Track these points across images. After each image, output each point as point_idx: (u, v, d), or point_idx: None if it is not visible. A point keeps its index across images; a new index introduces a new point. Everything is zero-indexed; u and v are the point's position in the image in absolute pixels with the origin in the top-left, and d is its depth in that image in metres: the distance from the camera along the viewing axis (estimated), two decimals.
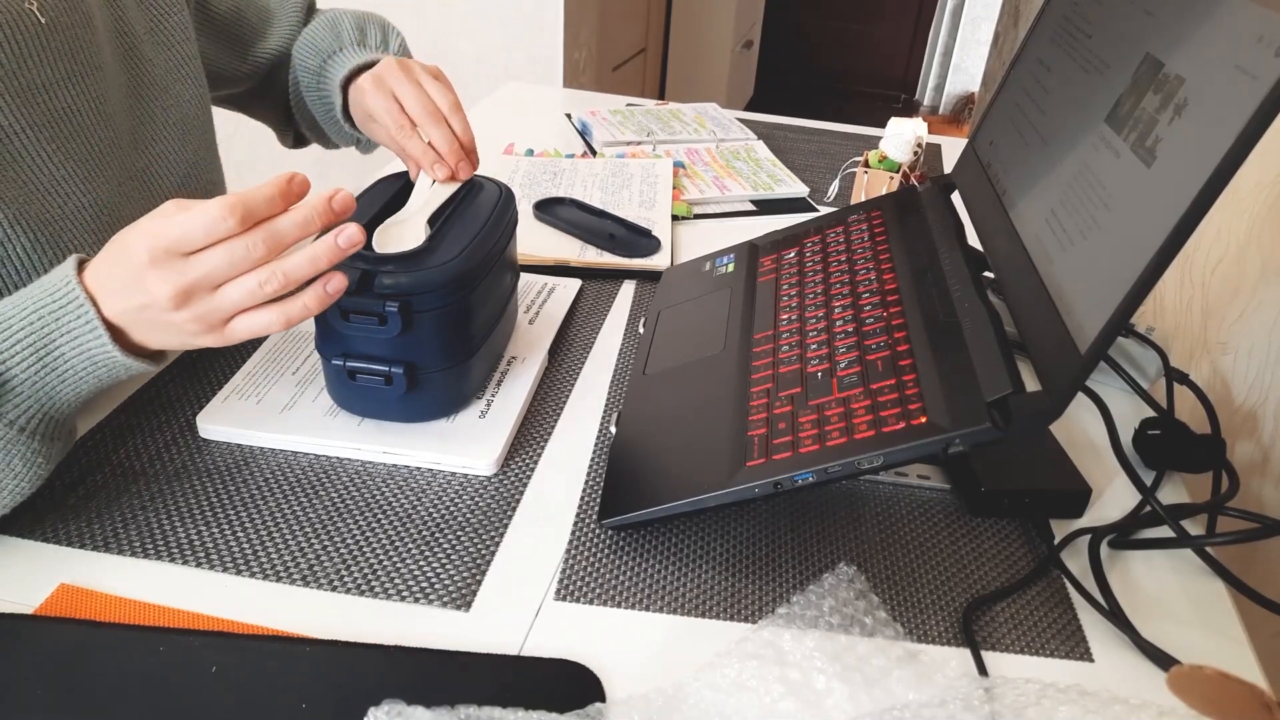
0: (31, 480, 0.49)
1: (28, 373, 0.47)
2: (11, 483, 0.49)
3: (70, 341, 0.47)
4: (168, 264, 0.46)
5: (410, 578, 0.51)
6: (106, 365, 0.49)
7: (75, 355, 0.48)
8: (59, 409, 0.50)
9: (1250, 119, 0.39)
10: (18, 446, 0.48)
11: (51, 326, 0.47)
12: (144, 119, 0.65)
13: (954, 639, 0.49)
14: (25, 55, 0.55)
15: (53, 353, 0.47)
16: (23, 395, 0.47)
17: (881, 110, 4.16)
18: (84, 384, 0.49)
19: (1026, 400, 0.47)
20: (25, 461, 0.49)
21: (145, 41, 0.67)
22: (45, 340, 0.47)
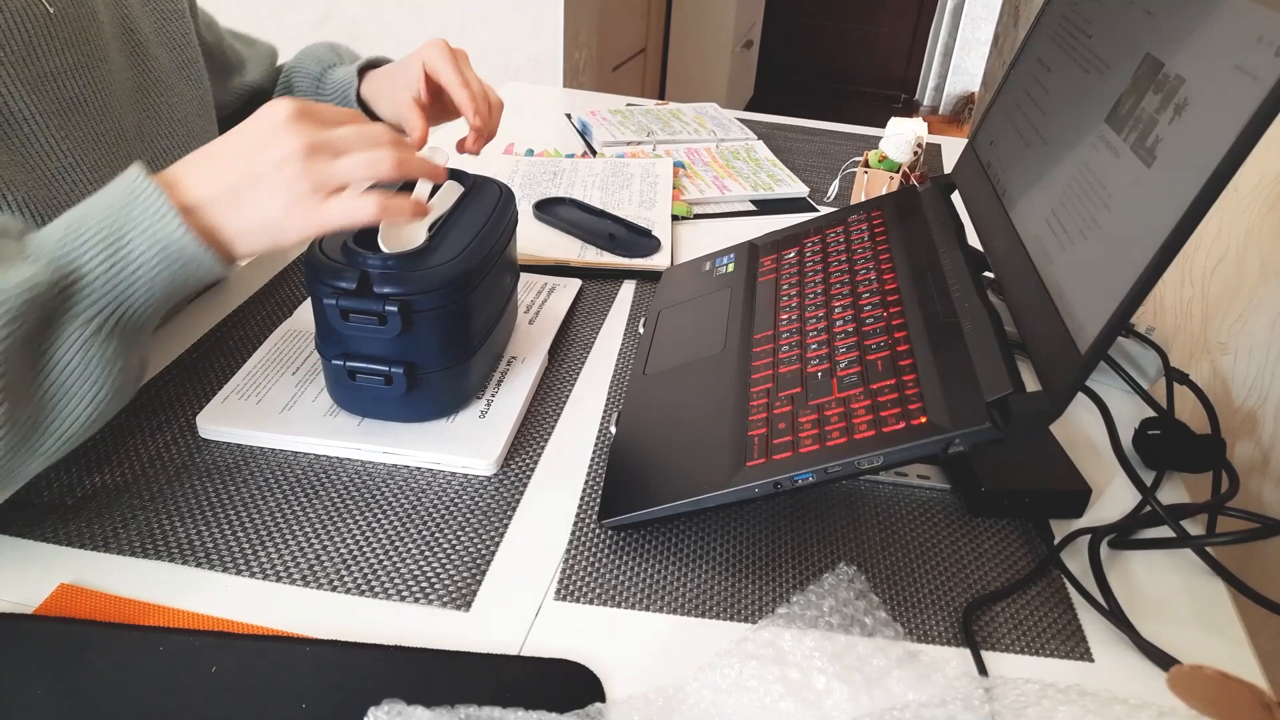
0: (111, 389, 0.47)
1: (100, 268, 0.46)
2: (91, 390, 0.47)
3: (141, 233, 0.47)
4: (306, 123, 0.49)
5: (410, 578, 0.51)
6: (178, 256, 0.47)
7: (146, 247, 0.47)
8: (134, 311, 0.48)
9: (1250, 119, 0.39)
10: (94, 348, 0.46)
11: (122, 219, 0.47)
12: (149, 113, 0.65)
13: (954, 639, 0.49)
14: (34, 44, 0.55)
15: (124, 247, 0.47)
16: (96, 293, 0.46)
17: (881, 110, 4.16)
18: (157, 283, 0.48)
19: (1027, 400, 0.47)
20: (104, 365, 0.47)
21: (151, 40, 0.68)
22: (116, 234, 0.47)
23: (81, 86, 0.59)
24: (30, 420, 0.45)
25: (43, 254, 0.46)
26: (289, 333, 0.70)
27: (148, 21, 0.68)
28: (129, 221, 0.47)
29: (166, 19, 0.70)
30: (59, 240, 0.46)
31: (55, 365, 0.46)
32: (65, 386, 0.46)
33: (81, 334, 0.46)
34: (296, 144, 0.48)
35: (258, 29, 1.73)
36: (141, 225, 0.47)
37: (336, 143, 0.50)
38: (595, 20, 2.11)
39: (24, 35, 0.55)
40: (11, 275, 0.44)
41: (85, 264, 0.46)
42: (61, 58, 0.57)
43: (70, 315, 0.46)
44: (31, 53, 0.55)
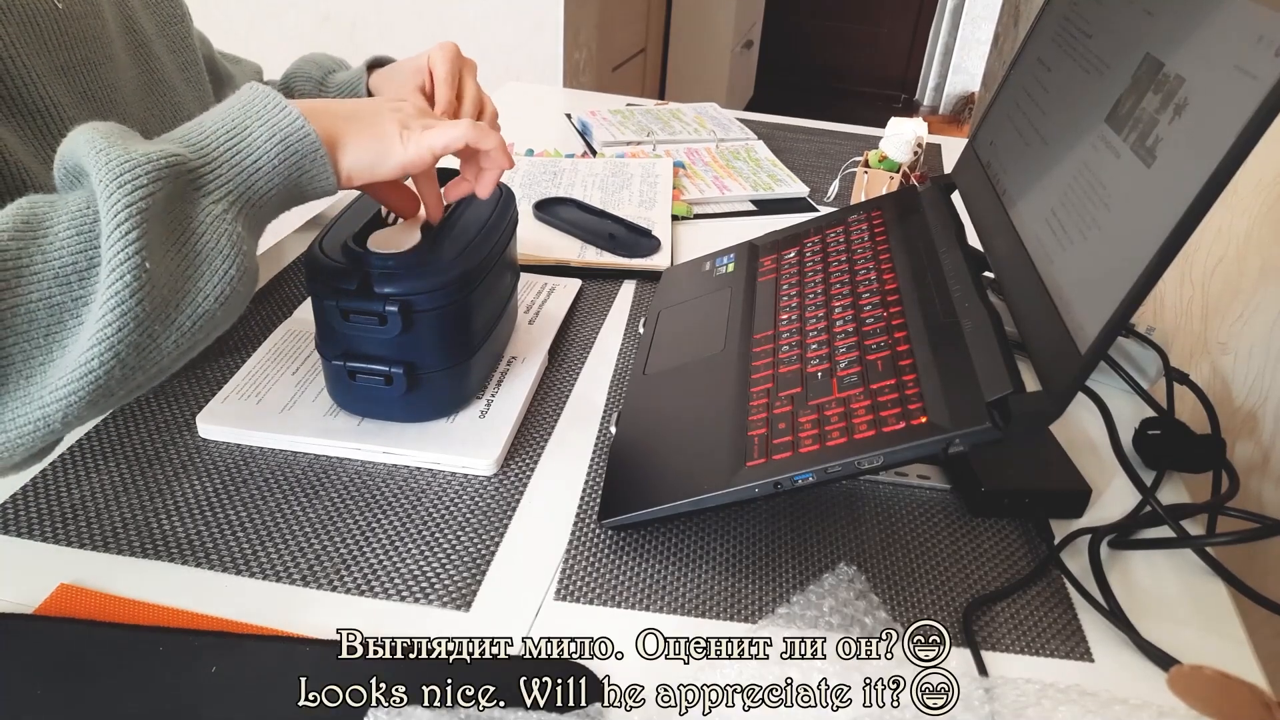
0: (239, 266, 0.48)
1: (226, 153, 0.48)
2: (222, 264, 0.47)
3: (262, 124, 0.49)
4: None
5: (410, 578, 0.51)
6: (296, 148, 0.50)
7: (267, 138, 0.49)
8: (255, 198, 0.50)
9: (1250, 119, 0.39)
10: (222, 224, 0.48)
11: (242, 115, 0.49)
12: (153, 112, 0.66)
13: (954, 639, 0.49)
14: (46, 38, 0.57)
15: (246, 138, 0.49)
16: (224, 175, 0.48)
17: (881, 110, 4.16)
18: (276, 173, 0.50)
19: (1027, 400, 0.47)
20: (233, 244, 0.48)
21: (154, 41, 0.68)
22: (238, 127, 0.49)
23: (90, 81, 0.60)
24: (169, 286, 0.45)
25: (173, 139, 0.48)
26: (289, 333, 0.70)
27: (150, 24, 0.69)
28: (249, 114, 0.50)
29: (167, 22, 0.71)
30: (183, 134, 0.49)
31: (190, 235, 0.47)
32: (200, 257, 0.47)
33: (213, 209, 0.48)
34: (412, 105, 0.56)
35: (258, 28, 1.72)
36: (262, 117, 0.50)
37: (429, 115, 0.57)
38: (595, 20, 2.11)
39: (37, 30, 0.56)
40: (150, 147, 0.45)
41: (212, 150, 0.48)
42: (72, 53, 0.58)
43: (203, 191, 0.48)
44: (45, 45, 0.56)
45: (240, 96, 0.51)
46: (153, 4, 0.70)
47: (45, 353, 0.44)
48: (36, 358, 0.44)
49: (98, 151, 0.44)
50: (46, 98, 0.55)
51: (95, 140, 0.45)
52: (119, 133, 0.46)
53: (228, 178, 0.48)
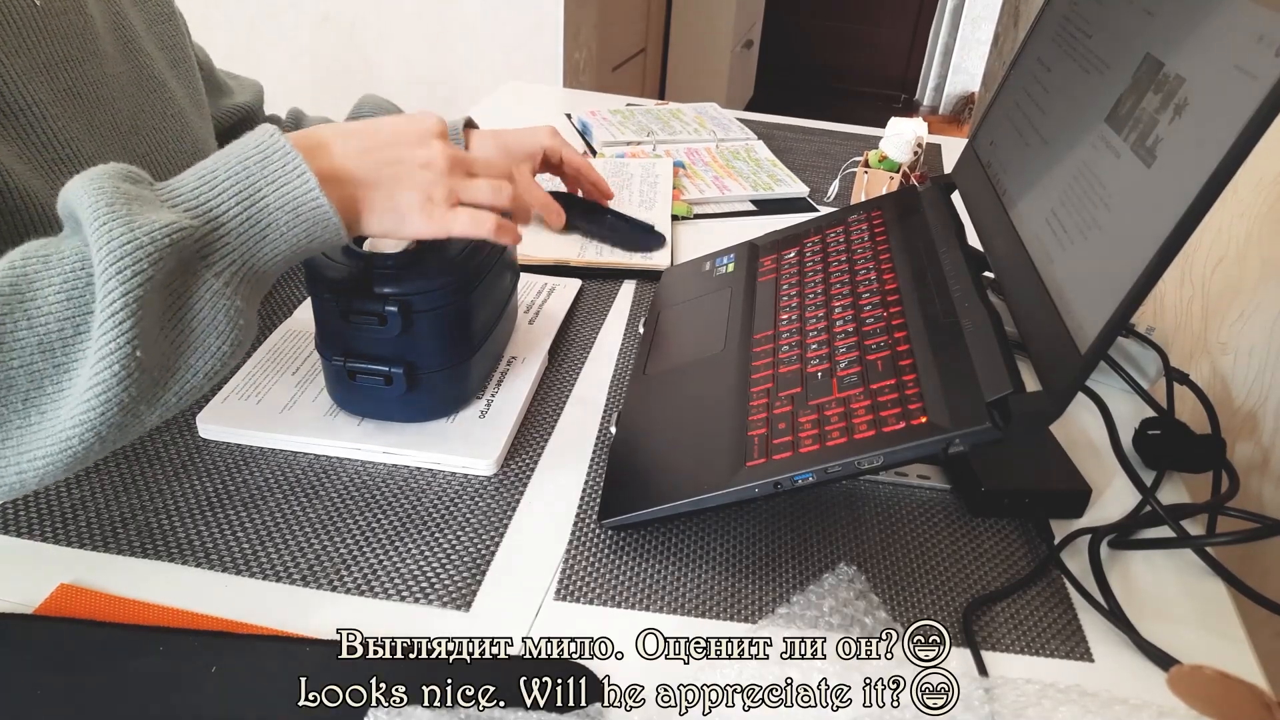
0: (233, 342, 0.47)
1: (235, 220, 0.47)
2: (216, 342, 0.47)
3: (275, 190, 0.47)
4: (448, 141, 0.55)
5: (410, 578, 0.51)
6: (308, 217, 0.48)
7: (279, 205, 0.47)
8: (257, 269, 0.48)
9: (1250, 119, 0.39)
10: (221, 300, 0.46)
11: (257, 175, 0.47)
12: (144, 107, 0.66)
13: (954, 639, 0.49)
14: (25, 34, 0.56)
15: (258, 203, 0.47)
16: (230, 247, 0.47)
17: (881, 110, 4.15)
18: (284, 240, 0.48)
19: (1027, 400, 0.47)
20: (229, 320, 0.47)
21: (143, 37, 0.68)
22: (251, 189, 0.47)
23: (75, 78, 0.59)
24: (158, 368, 0.45)
25: (180, 203, 0.46)
26: (289, 333, 0.70)
27: (138, 20, 0.69)
28: (264, 177, 0.47)
29: (155, 20, 0.71)
30: (194, 190, 0.47)
31: (186, 314, 0.46)
32: (194, 336, 0.46)
33: (214, 285, 0.46)
34: (442, 154, 0.53)
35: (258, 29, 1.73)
36: (276, 182, 0.47)
37: (471, 164, 0.55)
38: (595, 20, 2.11)
39: (14, 27, 0.56)
40: (157, 218, 0.44)
41: (222, 215, 0.47)
42: (53, 49, 0.58)
43: (205, 265, 0.46)
44: (24, 43, 0.56)
45: (258, 145, 0.48)
46: (140, 1, 0.70)
47: (23, 418, 0.43)
48: (14, 422, 0.44)
49: (99, 224, 0.42)
50: (26, 96, 0.55)
51: (98, 207, 0.43)
52: (123, 194, 0.44)
53: (234, 247, 0.47)
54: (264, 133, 0.49)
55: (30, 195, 0.54)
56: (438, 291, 0.56)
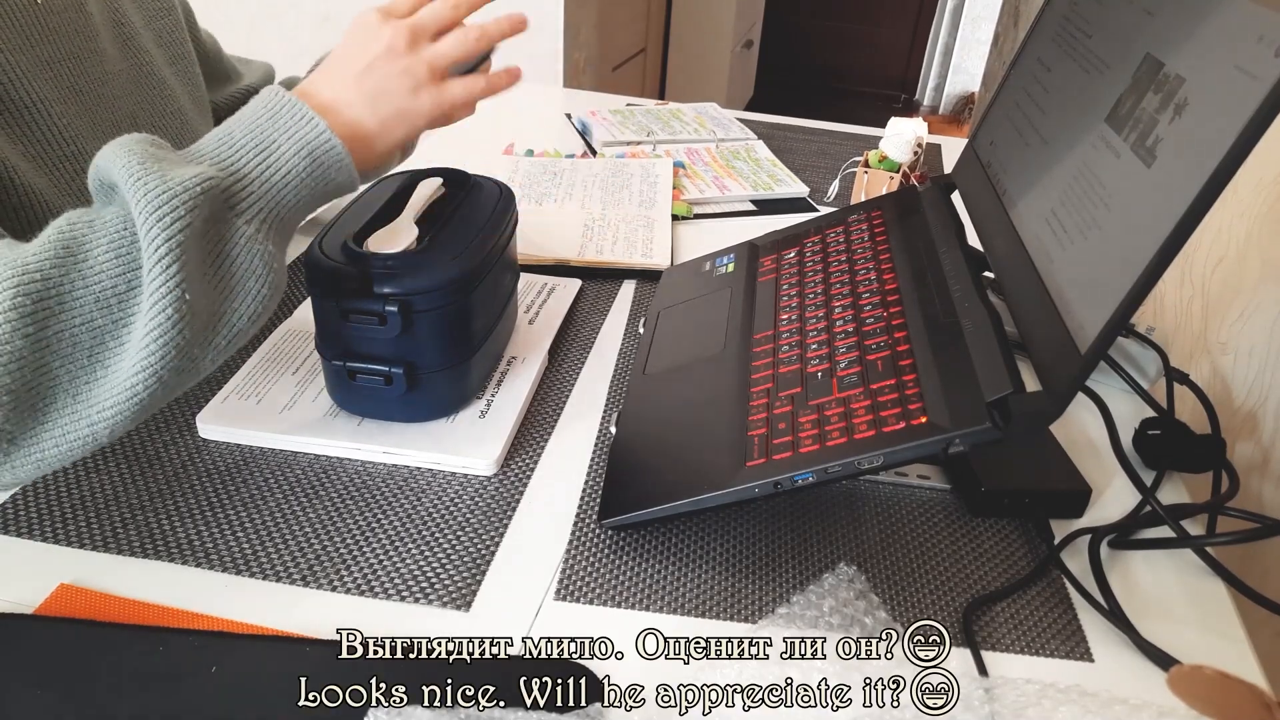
0: (271, 285, 0.50)
1: (256, 171, 0.50)
2: (255, 285, 0.49)
3: (289, 138, 0.51)
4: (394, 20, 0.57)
5: (410, 578, 0.51)
6: (322, 159, 0.51)
7: (295, 151, 0.51)
8: (283, 214, 0.51)
9: (1250, 119, 0.39)
10: (255, 244, 0.49)
11: (268, 128, 0.51)
12: (144, 104, 0.66)
13: (954, 639, 0.49)
14: (28, 32, 0.57)
15: (274, 152, 0.50)
16: (255, 195, 0.49)
17: (881, 110, 4.15)
18: (304, 186, 0.51)
19: (1027, 400, 0.47)
20: (264, 262, 0.49)
21: (142, 34, 0.68)
22: (266, 141, 0.50)
23: (77, 75, 0.60)
24: (206, 312, 0.47)
25: (204, 159, 0.49)
26: (288, 333, 0.70)
27: (138, 17, 0.69)
28: (276, 129, 0.51)
29: (155, 15, 0.71)
30: (214, 149, 0.50)
31: (225, 259, 0.48)
32: (235, 280, 0.48)
33: (246, 230, 0.49)
34: (396, 33, 0.55)
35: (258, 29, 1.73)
36: (289, 130, 0.51)
37: (427, 24, 0.57)
38: (595, 20, 2.11)
39: (16, 24, 0.56)
40: (186, 171, 0.46)
41: (243, 167, 0.49)
42: (54, 46, 0.58)
43: (235, 213, 0.49)
44: (25, 41, 0.56)
45: (266, 105, 0.52)
46: None
47: (89, 373, 0.45)
48: (81, 378, 0.45)
49: (135, 180, 0.45)
50: (32, 93, 0.55)
51: (131, 165, 0.46)
52: (153, 154, 0.47)
53: (259, 194, 0.50)
54: (270, 92, 0.52)
55: (34, 192, 0.54)
56: (438, 291, 0.56)
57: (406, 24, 0.56)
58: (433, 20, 0.57)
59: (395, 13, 0.57)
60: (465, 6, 0.59)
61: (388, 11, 0.57)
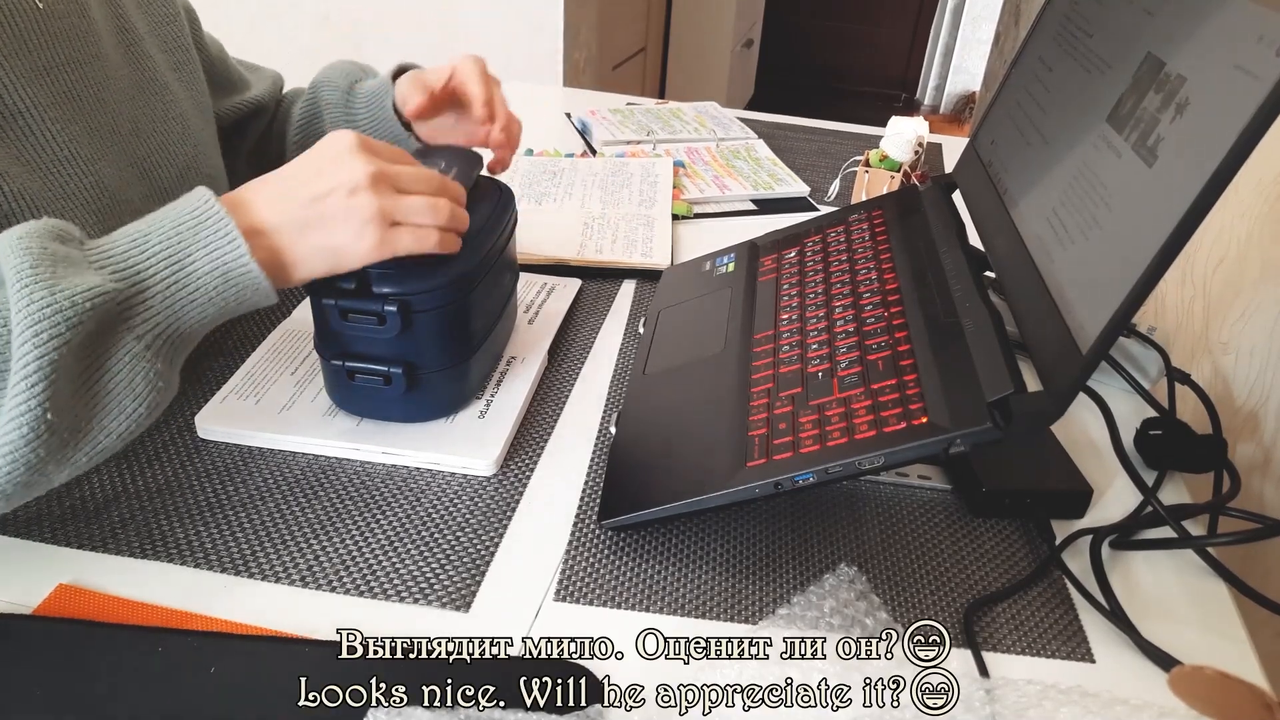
0: (149, 404, 0.48)
1: (162, 284, 0.47)
2: (131, 404, 0.47)
3: (206, 255, 0.48)
4: (370, 154, 0.52)
5: (410, 578, 0.51)
6: (236, 283, 0.49)
7: (209, 270, 0.48)
8: (180, 332, 0.49)
9: (1251, 119, 0.39)
10: (141, 363, 0.46)
11: (189, 240, 0.48)
12: (145, 110, 0.66)
13: (955, 639, 0.49)
14: (26, 37, 0.56)
15: (187, 267, 0.47)
16: (154, 310, 0.47)
17: (882, 110, 4.15)
18: (210, 305, 0.49)
19: (1028, 400, 0.47)
20: (148, 383, 0.47)
21: (147, 39, 0.68)
22: (181, 253, 0.47)
23: (75, 80, 0.59)
24: (68, 430, 0.45)
25: (109, 263, 0.46)
26: (287, 333, 0.70)
27: (142, 22, 0.69)
28: (195, 241, 0.48)
29: (159, 22, 0.71)
30: (124, 251, 0.47)
31: (103, 376, 0.46)
32: (108, 399, 0.46)
33: (133, 348, 0.46)
34: (364, 172, 0.51)
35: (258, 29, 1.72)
36: (208, 246, 0.48)
37: (399, 179, 0.53)
38: (595, 20, 2.11)
39: (15, 30, 0.55)
40: (80, 281, 0.44)
41: (149, 279, 0.47)
42: (54, 52, 0.58)
43: (127, 328, 0.46)
44: (24, 47, 0.56)
45: (193, 210, 0.48)
46: (145, 3, 0.70)
47: None
48: None
49: (21, 286, 0.42)
50: (25, 99, 0.55)
51: (22, 269, 0.43)
52: (49, 256, 0.44)
53: (159, 310, 0.47)
54: (199, 197, 0.49)
55: (26, 198, 0.54)
56: (437, 291, 0.56)
57: (379, 166, 0.52)
58: (409, 181, 0.53)
59: (374, 150, 0.53)
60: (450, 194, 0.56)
61: (365, 145, 0.52)
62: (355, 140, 0.52)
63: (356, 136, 0.53)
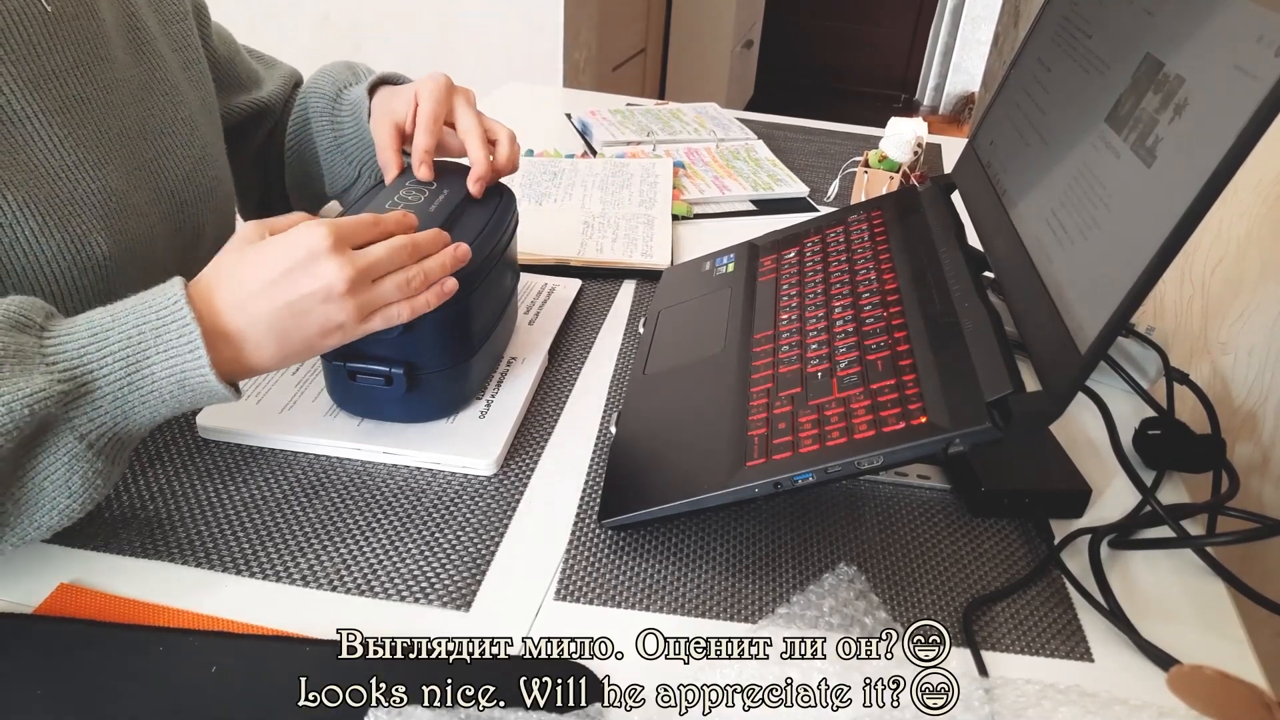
0: (84, 503, 0.47)
1: (113, 386, 0.45)
2: (65, 501, 0.46)
3: (165, 360, 0.46)
4: (343, 253, 0.49)
5: (410, 578, 0.51)
6: (193, 389, 0.47)
7: (166, 375, 0.46)
8: (128, 431, 0.47)
9: (1250, 119, 0.39)
10: (80, 463, 0.45)
11: (150, 342, 0.46)
12: (153, 111, 0.65)
13: (954, 639, 0.49)
14: (34, 42, 0.56)
15: (143, 370, 0.46)
16: (101, 409, 0.45)
17: (881, 110, 4.15)
18: (163, 406, 0.47)
19: (1027, 400, 0.47)
20: (84, 480, 0.46)
21: (158, 39, 0.68)
22: (139, 355, 0.46)
23: (83, 85, 0.59)
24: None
25: (60, 359, 0.45)
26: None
27: (152, 21, 0.68)
28: (156, 345, 0.46)
29: (170, 20, 0.70)
30: (81, 348, 0.45)
31: (38, 473, 0.45)
32: (40, 494, 0.45)
33: (74, 447, 0.45)
34: (340, 278, 0.49)
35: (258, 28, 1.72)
36: (167, 351, 0.46)
37: (378, 265, 0.51)
38: (595, 20, 2.11)
39: (23, 34, 0.55)
40: (24, 384, 0.43)
41: (101, 381, 0.45)
42: (62, 56, 0.57)
43: (69, 426, 0.45)
44: (31, 51, 0.55)
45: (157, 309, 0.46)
46: (155, 1, 0.69)
47: None
48: None
49: None
50: (31, 106, 0.54)
51: None
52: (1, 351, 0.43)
53: (107, 410, 0.46)
54: (169, 295, 0.47)
55: (32, 207, 0.54)
56: None
57: (355, 265, 0.49)
58: (386, 261, 0.51)
59: (347, 242, 0.50)
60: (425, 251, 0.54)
61: (340, 240, 0.49)
62: (329, 241, 0.49)
63: (330, 235, 0.49)
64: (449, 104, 0.69)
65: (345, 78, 0.81)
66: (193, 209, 0.68)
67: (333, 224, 0.50)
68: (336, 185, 0.83)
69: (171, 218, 0.65)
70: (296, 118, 0.83)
